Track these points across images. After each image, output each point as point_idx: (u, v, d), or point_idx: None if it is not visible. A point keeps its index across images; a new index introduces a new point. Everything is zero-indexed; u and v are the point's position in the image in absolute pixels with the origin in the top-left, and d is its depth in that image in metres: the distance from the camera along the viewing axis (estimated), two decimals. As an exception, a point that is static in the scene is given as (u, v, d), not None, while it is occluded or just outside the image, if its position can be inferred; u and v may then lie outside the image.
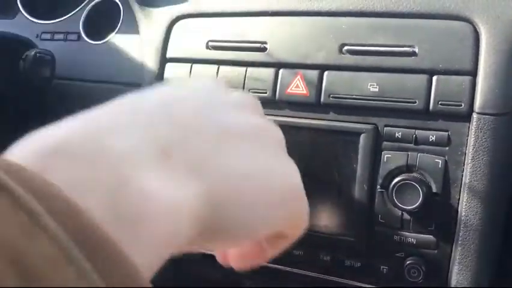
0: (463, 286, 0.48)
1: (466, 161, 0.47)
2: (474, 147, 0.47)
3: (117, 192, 0.19)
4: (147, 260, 0.19)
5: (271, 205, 0.27)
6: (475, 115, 0.47)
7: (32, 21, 0.77)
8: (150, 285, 0.17)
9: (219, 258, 0.32)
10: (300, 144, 0.54)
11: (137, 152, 0.21)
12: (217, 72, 0.58)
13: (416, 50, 0.49)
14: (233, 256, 0.31)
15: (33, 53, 0.57)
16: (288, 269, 0.58)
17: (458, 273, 0.48)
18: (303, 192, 0.30)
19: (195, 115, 0.25)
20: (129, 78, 0.66)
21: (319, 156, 0.53)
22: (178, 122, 0.24)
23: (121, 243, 0.17)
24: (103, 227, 0.16)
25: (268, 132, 0.30)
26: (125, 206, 0.19)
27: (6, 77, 0.64)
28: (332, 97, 0.52)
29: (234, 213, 0.25)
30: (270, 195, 0.27)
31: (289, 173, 0.29)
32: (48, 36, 0.75)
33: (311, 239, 0.55)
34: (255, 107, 0.33)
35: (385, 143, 0.50)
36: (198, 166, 0.23)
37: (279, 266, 0.58)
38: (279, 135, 0.32)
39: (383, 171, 0.50)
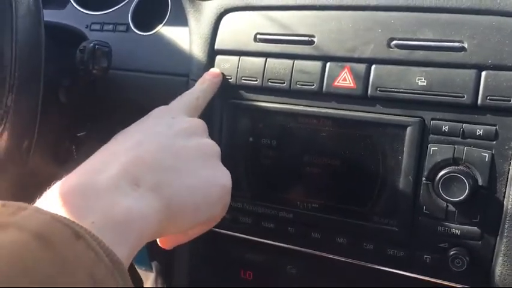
0: (506, 276, 0.49)
1: (513, 155, 0.48)
2: (522, 142, 0.47)
3: (110, 212, 0.34)
4: (132, 247, 0.34)
5: (206, 206, 0.42)
6: (523, 110, 0.47)
7: (82, 12, 0.80)
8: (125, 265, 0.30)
9: (160, 242, 0.47)
10: (347, 136, 0.56)
11: (119, 186, 0.36)
12: (265, 65, 0.60)
13: (465, 45, 0.50)
14: (165, 240, 0.47)
15: (91, 44, 0.59)
16: (330, 255, 0.60)
17: (502, 264, 0.49)
18: (229, 189, 0.45)
19: (153, 155, 0.41)
20: (177, 70, 0.68)
21: (365, 148, 0.54)
22: (143, 161, 0.40)
23: (115, 241, 0.31)
24: (105, 234, 0.31)
25: (207, 148, 0.46)
26: (117, 218, 0.34)
27: (61, 65, 0.66)
28: (379, 90, 0.53)
29: (181, 215, 0.40)
30: (206, 198, 0.42)
31: (221, 177, 0.45)
32: (97, 27, 0.77)
33: (355, 228, 0.57)
34: (199, 128, 0.48)
35: (431, 136, 0.51)
36: (158, 189, 0.38)
37: (322, 253, 0.60)
38: (214, 149, 0.47)
39: (428, 164, 0.51)
